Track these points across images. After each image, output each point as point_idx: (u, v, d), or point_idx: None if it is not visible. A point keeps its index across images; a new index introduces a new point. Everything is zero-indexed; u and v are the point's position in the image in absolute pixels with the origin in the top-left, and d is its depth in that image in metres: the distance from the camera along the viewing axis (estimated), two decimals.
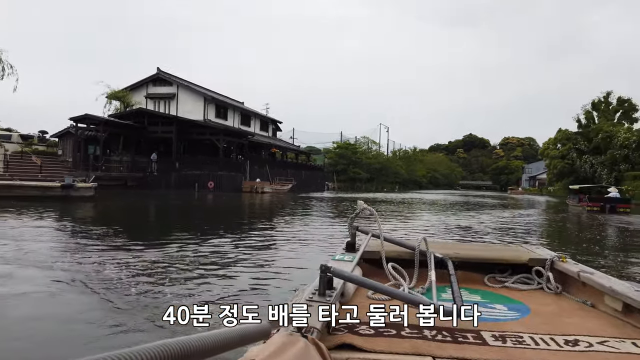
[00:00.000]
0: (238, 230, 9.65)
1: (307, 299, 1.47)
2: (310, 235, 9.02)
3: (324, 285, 1.52)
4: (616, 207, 21.31)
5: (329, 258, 2.13)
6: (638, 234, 12.26)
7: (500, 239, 9.66)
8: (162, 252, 6.31)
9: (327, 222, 12.58)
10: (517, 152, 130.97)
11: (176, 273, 5.13)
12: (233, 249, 6.93)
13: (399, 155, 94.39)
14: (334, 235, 9.20)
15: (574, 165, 45.45)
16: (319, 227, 10.80)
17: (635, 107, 44.32)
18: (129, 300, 3.91)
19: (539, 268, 2.24)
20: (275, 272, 5.38)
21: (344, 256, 2.14)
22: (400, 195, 41.78)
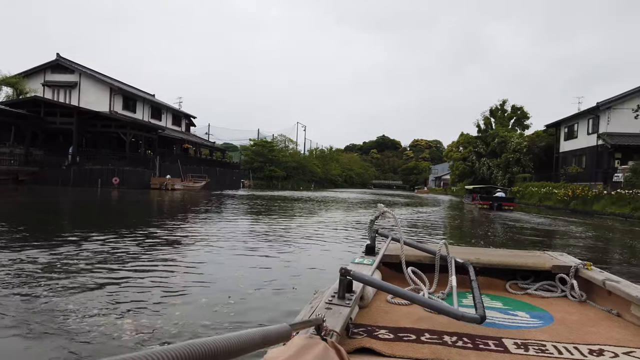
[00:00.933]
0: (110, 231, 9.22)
1: (327, 302, 1.45)
2: (211, 236, 8.87)
3: (343, 289, 1.49)
4: (502, 205, 24.07)
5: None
6: (516, 225, 13.93)
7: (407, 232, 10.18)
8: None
9: (231, 220, 12.44)
10: (425, 154, 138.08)
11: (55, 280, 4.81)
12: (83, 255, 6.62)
13: (316, 154, 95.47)
14: (226, 234, 9.13)
15: (474, 167, 49.02)
16: (219, 226, 10.65)
17: (526, 115, 48.79)
18: None
19: (563, 275, 2.19)
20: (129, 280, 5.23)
21: (363, 259, 2.10)
22: (315, 193, 42.44)
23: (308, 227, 10.62)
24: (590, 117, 33.21)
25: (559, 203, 27.96)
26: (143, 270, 5.12)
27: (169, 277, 4.89)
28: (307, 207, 19.44)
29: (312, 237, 8.79)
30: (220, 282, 4.74)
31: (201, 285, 4.57)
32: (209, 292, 4.29)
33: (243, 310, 3.71)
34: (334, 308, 1.40)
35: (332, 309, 1.39)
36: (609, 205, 22.27)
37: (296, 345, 1.02)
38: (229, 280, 4.80)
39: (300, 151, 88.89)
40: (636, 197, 20.21)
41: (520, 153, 41.80)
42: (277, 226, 10.61)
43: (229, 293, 4.22)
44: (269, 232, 9.38)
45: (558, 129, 39.31)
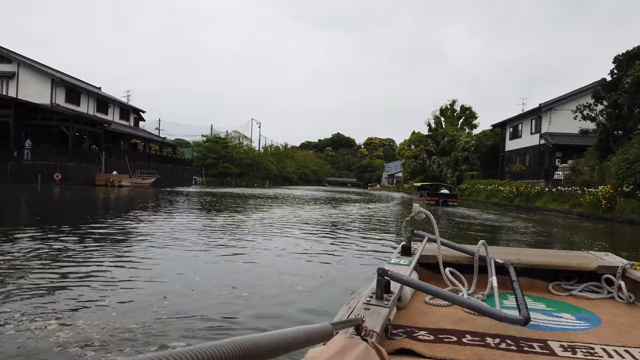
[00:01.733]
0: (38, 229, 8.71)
1: (365, 302, 1.42)
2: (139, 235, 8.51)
3: (381, 289, 1.46)
4: (447, 201, 26.11)
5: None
6: (463, 221, 14.25)
7: (360, 226, 10.24)
8: None
9: (174, 217, 12.04)
10: (379, 152, 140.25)
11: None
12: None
13: (271, 151, 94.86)
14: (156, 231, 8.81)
15: (425, 165, 50.24)
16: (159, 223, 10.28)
17: (474, 115, 50.54)
18: None
19: (609, 276, 2.09)
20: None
21: (399, 260, 2.04)
22: (270, 190, 42.07)
23: (253, 224, 10.44)
24: (533, 117, 34.76)
25: (504, 200, 29.07)
26: (75, 271, 4.78)
27: (104, 276, 4.60)
28: (256, 204, 19.19)
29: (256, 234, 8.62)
30: (157, 282, 4.50)
31: (134, 286, 4.31)
32: (144, 293, 4.05)
33: (179, 311, 3.51)
34: (372, 308, 1.39)
35: (370, 309, 1.38)
36: (550, 202, 23.36)
37: (337, 345, 1.03)
38: (168, 281, 4.57)
39: (255, 148, 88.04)
40: (575, 194, 21.29)
41: (469, 152, 43.15)
42: (225, 223, 10.35)
43: (165, 294, 4.00)
44: (215, 228, 9.13)
45: (504, 128, 40.91)
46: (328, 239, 8.49)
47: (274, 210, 15.68)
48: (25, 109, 28.17)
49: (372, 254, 6.99)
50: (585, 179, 22.07)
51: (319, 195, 34.00)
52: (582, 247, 9.10)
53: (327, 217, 13.70)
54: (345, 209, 18.24)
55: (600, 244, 10.25)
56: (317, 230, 9.92)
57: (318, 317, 3.48)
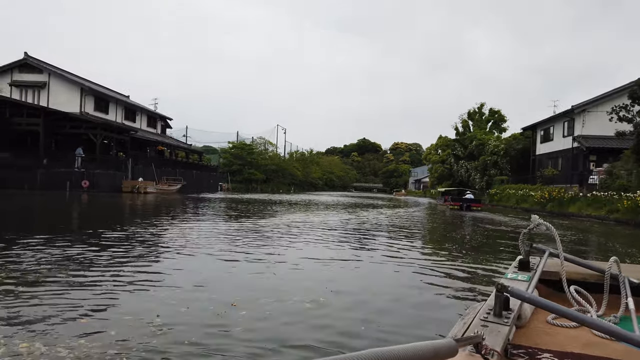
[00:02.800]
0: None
1: (482, 319, 1.33)
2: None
3: (500, 306, 1.36)
4: (470, 206, 26.43)
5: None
6: (484, 222, 14.11)
7: (391, 229, 9.87)
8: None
9: (197, 222, 11.87)
10: (405, 157, 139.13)
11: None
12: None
13: (296, 157, 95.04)
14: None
15: (452, 170, 49.17)
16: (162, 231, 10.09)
17: (504, 118, 49.20)
18: None
19: None
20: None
21: (517, 275, 1.89)
22: (294, 196, 41.90)
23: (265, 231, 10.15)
24: (565, 119, 33.51)
25: (535, 205, 28.04)
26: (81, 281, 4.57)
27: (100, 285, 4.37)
28: (278, 209, 18.95)
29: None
30: (152, 297, 4.23)
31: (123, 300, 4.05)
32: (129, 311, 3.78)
33: (167, 333, 3.22)
34: (490, 326, 1.29)
35: (488, 326, 1.28)
36: (584, 207, 22.34)
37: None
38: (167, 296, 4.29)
39: (280, 154, 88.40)
40: (611, 199, 20.26)
41: (498, 155, 41.99)
42: (243, 229, 10.11)
43: (158, 312, 3.71)
44: (237, 235, 8.89)
45: (534, 131, 39.65)
46: (348, 246, 8.15)
47: (294, 216, 15.41)
48: (54, 117, 28.82)
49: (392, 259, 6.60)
50: (622, 183, 20.99)
51: (345, 201, 33.60)
52: (631, 257, 8.46)
53: (351, 224, 13.33)
54: (370, 216, 17.81)
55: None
56: (333, 236, 9.57)
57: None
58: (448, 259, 7.33)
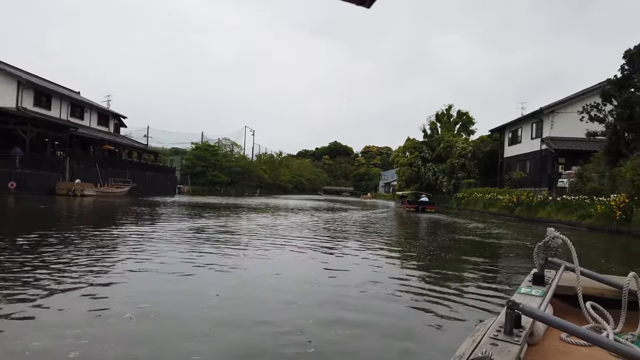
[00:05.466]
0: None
1: (492, 337, 1.29)
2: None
3: (511, 323, 1.32)
4: (425, 208, 28.40)
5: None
6: (436, 222, 12.21)
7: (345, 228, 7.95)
8: None
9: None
10: (376, 160, 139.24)
11: None
12: None
13: (264, 160, 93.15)
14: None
15: (420, 173, 47.83)
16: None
17: (472, 120, 48.13)
18: None
19: None
20: None
21: (531, 290, 1.81)
22: (257, 200, 39.60)
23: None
24: (534, 121, 32.45)
25: (503, 209, 26.69)
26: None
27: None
28: (215, 214, 16.75)
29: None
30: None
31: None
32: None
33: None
34: (500, 344, 1.25)
35: (498, 345, 1.25)
36: (555, 212, 20.95)
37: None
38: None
39: (247, 156, 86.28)
40: (583, 203, 18.89)
41: (465, 158, 40.82)
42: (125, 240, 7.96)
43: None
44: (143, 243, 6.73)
45: (502, 133, 38.62)
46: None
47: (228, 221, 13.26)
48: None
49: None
50: (594, 187, 19.67)
51: (304, 205, 31.60)
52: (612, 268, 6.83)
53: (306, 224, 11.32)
54: (338, 215, 15.84)
55: (618, 264, 7.92)
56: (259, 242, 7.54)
57: None
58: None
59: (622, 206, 15.44)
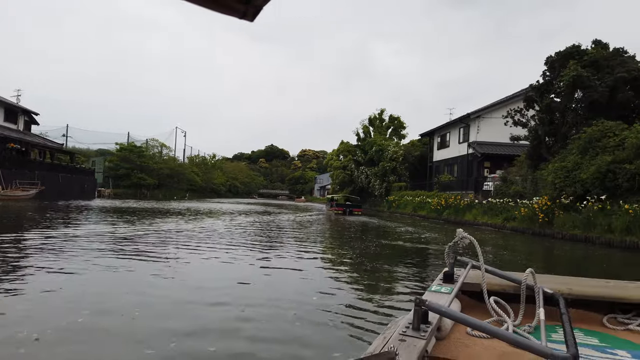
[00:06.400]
0: None
1: (401, 333, 1.36)
2: None
3: (418, 319, 1.40)
4: (352, 210, 29.27)
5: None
6: (366, 226, 12.20)
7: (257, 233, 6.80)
8: None
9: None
10: (312, 164, 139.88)
11: None
12: None
13: (196, 162, 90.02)
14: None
15: (353, 176, 47.72)
16: None
17: (403, 125, 48.77)
18: None
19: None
20: None
21: (441, 287, 1.96)
22: (184, 204, 37.37)
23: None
24: (461, 126, 33.14)
25: (432, 213, 26.79)
26: None
27: None
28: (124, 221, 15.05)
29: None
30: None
31: None
32: None
33: None
34: (408, 340, 1.31)
35: (406, 340, 1.31)
36: (480, 214, 21.11)
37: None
38: None
39: (178, 158, 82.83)
40: (507, 206, 19.08)
41: (397, 162, 41.13)
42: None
43: None
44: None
45: (432, 138, 39.29)
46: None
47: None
48: None
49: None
50: (517, 190, 20.00)
51: (233, 209, 30.12)
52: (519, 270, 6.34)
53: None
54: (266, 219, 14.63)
55: (538, 265, 7.51)
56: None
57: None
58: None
59: (544, 209, 15.58)
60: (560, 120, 19.38)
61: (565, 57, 19.00)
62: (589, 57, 18.30)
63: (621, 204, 12.80)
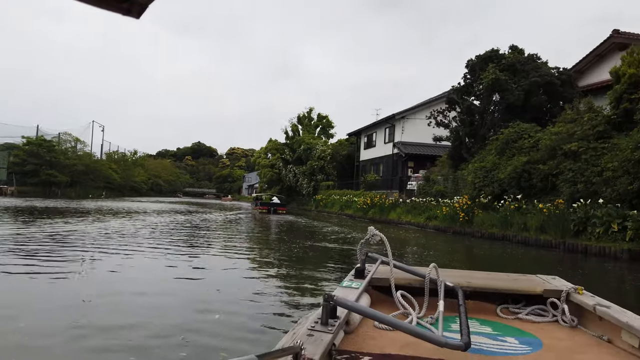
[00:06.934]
0: None
1: (309, 328, 1.40)
2: None
3: (326, 314, 1.44)
4: (277, 209, 29.50)
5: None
6: (292, 225, 13.22)
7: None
8: None
9: None
10: (241, 162, 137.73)
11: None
12: None
13: (116, 158, 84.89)
14: None
15: (281, 175, 47.08)
16: None
17: (331, 124, 48.90)
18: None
19: (554, 300, 2.12)
20: None
21: (352, 283, 2.07)
22: (96, 203, 34.59)
23: None
24: (387, 126, 33.61)
25: (358, 212, 26.80)
26: None
27: None
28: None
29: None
30: None
31: None
32: None
33: None
34: (315, 335, 1.35)
35: (314, 335, 1.34)
36: (404, 214, 21.30)
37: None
38: None
39: (95, 154, 77.49)
40: (430, 205, 19.35)
41: (325, 161, 41.06)
42: None
43: None
44: None
45: (359, 137, 39.63)
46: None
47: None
48: None
49: None
50: (439, 189, 20.38)
51: (154, 208, 28.24)
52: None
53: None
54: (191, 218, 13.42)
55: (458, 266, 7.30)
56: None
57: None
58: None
59: (464, 208, 15.86)
60: (479, 121, 20.00)
61: (485, 61, 19.62)
62: (506, 61, 18.99)
63: (535, 203, 13.22)
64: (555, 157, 13.40)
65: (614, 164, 10.96)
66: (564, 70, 19.12)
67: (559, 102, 18.39)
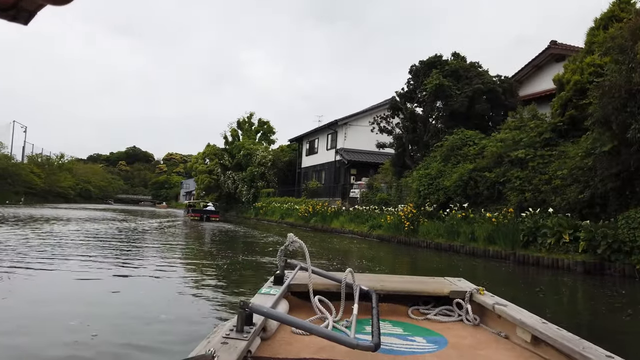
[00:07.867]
0: None
1: (224, 336, 1.37)
2: None
3: (242, 321, 1.43)
4: (210, 217, 28.95)
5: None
6: (228, 235, 11.87)
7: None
8: None
9: None
10: (179, 168, 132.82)
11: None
12: None
13: (38, 162, 78.68)
14: None
15: (219, 181, 45.07)
16: None
17: (272, 130, 47.52)
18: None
19: (459, 300, 2.22)
20: None
21: (270, 289, 2.03)
22: (13, 210, 31.06)
23: None
24: (329, 132, 32.86)
25: (300, 220, 25.68)
26: None
27: None
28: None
29: None
30: None
31: None
32: None
33: None
34: (230, 342, 1.33)
35: (228, 343, 1.32)
36: (347, 222, 20.42)
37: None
38: None
39: (14, 156, 71.33)
40: (373, 214, 18.59)
41: (265, 167, 39.66)
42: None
43: None
44: None
45: (301, 143, 38.65)
46: None
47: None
48: None
49: None
50: (383, 197, 19.70)
51: (72, 215, 25.60)
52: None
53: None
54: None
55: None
56: None
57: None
58: None
59: (409, 216, 15.18)
60: (423, 128, 19.57)
61: (429, 66, 19.25)
62: (450, 67, 18.70)
63: (483, 212, 12.72)
64: (502, 164, 13.00)
65: (563, 172, 10.58)
66: (506, 79, 19.13)
67: (501, 110, 18.30)
